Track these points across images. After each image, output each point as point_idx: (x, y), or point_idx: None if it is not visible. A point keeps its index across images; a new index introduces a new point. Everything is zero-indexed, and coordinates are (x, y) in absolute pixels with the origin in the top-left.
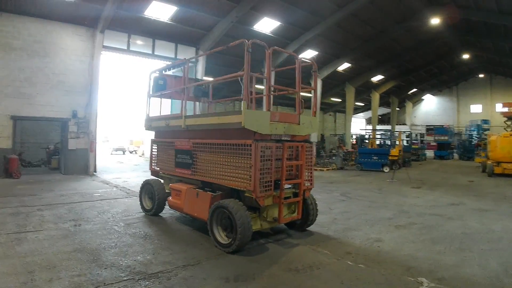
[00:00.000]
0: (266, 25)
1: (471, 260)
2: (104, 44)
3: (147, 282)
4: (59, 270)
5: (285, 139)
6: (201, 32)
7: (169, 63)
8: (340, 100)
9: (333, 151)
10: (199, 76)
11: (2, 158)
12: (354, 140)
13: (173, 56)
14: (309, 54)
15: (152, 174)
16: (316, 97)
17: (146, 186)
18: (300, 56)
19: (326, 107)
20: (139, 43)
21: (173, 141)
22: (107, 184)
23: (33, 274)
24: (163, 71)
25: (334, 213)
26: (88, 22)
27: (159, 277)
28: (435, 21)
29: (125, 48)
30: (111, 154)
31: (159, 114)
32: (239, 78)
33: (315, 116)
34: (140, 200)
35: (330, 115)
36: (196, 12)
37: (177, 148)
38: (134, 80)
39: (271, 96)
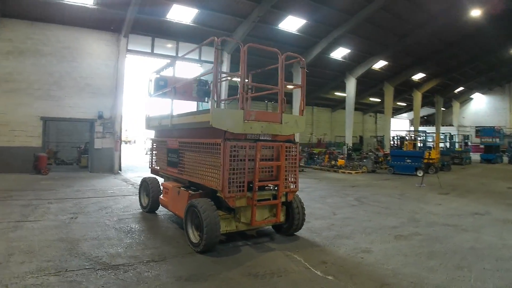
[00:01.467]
0: (292, 23)
1: (464, 281)
2: (128, 48)
3: (104, 273)
4: (35, 255)
5: (264, 138)
6: (224, 33)
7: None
8: (379, 100)
9: (365, 153)
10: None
11: (32, 155)
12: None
13: (197, 57)
14: (340, 53)
15: (151, 173)
16: (304, 95)
17: (144, 184)
18: (332, 54)
19: (366, 108)
20: (166, 46)
21: (165, 140)
22: (126, 182)
23: (11, 257)
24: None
25: (335, 218)
26: (114, 27)
27: (118, 269)
28: (476, 12)
29: (149, 51)
30: (146, 154)
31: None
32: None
33: (302, 115)
34: (139, 197)
35: (371, 115)
36: (217, 14)
37: (168, 147)
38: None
39: (247, 94)
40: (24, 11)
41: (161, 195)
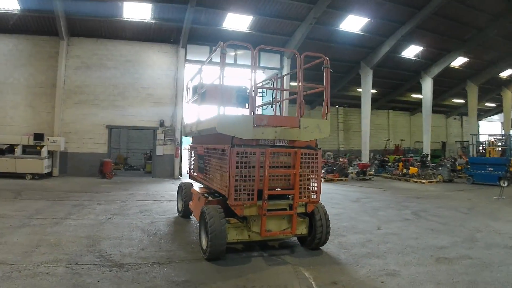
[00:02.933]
0: (353, 23)
1: None
2: (187, 58)
3: (106, 270)
4: (57, 248)
5: (280, 144)
6: (282, 38)
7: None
8: (464, 101)
9: (442, 160)
10: (285, 84)
11: (98, 161)
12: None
13: (256, 64)
14: (412, 51)
15: (189, 178)
16: (328, 97)
17: (180, 189)
18: (403, 53)
19: (449, 110)
20: (233, 54)
21: (196, 146)
22: None
23: (37, 248)
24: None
25: (376, 234)
26: (173, 39)
27: (121, 267)
28: None
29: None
30: None
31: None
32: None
33: (326, 118)
34: (176, 202)
35: (455, 118)
36: (273, 19)
37: (197, 153)
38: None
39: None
40: (89, 30)
41: (190, 201)
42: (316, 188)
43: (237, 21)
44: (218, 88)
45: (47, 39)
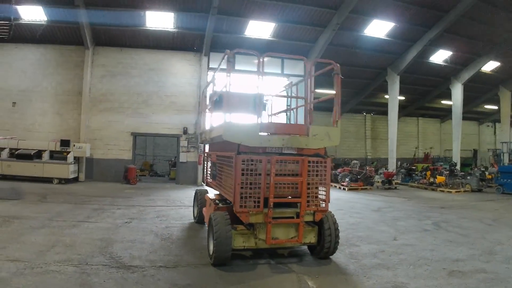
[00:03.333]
0: (378, 28)
1: None
2: (210, 66)
3: (114, 270)
4: (71, 249)
5: (288, 152)
6: (305, 44)
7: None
8: (497, 107)
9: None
10: (309, 91)
11: (123, 167)
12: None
13: (279, 71)
14: (441, 56)
15: (205, 185)
16: (339, 104)
17: (196, 195)
18: (431, 58)
19: (481, 117)
20: (250, 61)
21: (210, 153)
22: None
23: (52, 248)
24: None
25: (391, 245)
26: (197, 47)
27: (128, 269)
28: None
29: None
30: None
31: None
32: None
33: (336, 126)
34: (192, 208)
35: (488, 126)
36: (295, 26)
37: (211, 160)
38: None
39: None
40: (114, 40)
41: (204, 207)
42: (325, 197)
43: (260, 29)
44: (225, 95)
45: (73, 48)
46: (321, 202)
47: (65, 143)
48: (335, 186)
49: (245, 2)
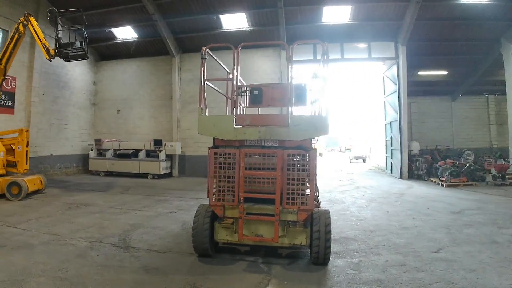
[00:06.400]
0: None
1: None
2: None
3: (113, 248)
4: (101, 230)
5: (268, 145)
6: (391, 23)
7: None
8: None
9: None
10: (401, 74)
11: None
12: None
13: (366, 56)
14: None
15: None
16: (325, 90)
17: None
18: None
19: None
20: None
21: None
22: None
23: (88, 228)
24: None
25: (424, 258)
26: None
27: (126, 249)
28: None
29: (312, 58)
30: (350, 162)
31: None
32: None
33: (323, 114)
34: None
35: None
36: (374, 4)
37: None
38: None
39: (239, 97)
40: (196, 45)
41: None
42: (303, 194)
43: (336, 14)
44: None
45: (163, 58)
46: (305, 200)
47: (157, 142)
48: (434, 182)
49: None
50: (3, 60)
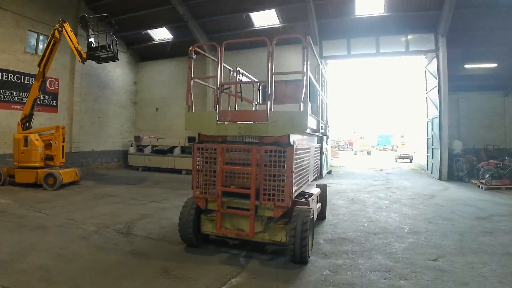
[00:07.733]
0: None
1: None
2: (324, 55)
3: (114, 234)
4: (113, 217)
5: (249, 141)
6: (429, 14)
7: None
8: None
9: None
10: (441, 68)
11: None
12: None
13: (403, 49)
14: None
15: None
16: (306, 85)
17: None
18: None
19: None
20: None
21: None
22: None
23: (102, 215)
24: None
25: (417, 265)
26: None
27: (125, 235)
28: None
29: (345, 53)
30: (396, 161)
31: None
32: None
33: (302, 109)
34: None
35: None
36: None
37: None
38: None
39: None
40: (230, 44)
41: None
42: (283, 191)
43: (370, 5)
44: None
45: (198, 57)
46: (281, 197)
47: (191, 139)
48: (474, 184)
49: None
50: (41, 63)
